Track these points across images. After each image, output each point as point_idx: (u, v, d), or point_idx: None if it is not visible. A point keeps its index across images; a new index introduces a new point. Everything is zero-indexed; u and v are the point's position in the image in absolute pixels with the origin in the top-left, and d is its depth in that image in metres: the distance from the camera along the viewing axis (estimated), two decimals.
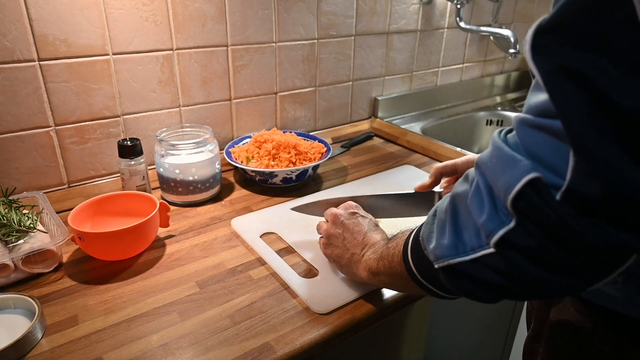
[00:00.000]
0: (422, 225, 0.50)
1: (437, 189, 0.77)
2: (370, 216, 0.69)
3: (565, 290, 0.41)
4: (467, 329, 0.99)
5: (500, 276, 0.39)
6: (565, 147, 0.32)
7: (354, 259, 0.63)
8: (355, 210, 0.68)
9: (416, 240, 0.49)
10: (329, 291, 0.66)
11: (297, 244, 0.78)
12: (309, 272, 0.72)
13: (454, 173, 0.76)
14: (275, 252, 0.76)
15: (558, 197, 0.33)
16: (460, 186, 0.43)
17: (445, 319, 0.90)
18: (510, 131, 0.39)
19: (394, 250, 0.54)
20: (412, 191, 0.77)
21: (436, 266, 0.44)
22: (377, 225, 0.67)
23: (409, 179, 1.03)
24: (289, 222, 0.84)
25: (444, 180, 0.78)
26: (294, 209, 0.78)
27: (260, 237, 0.81)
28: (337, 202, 0.74)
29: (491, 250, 0.38)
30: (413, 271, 0.49)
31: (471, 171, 0.42)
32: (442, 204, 0.46)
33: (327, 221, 0.70)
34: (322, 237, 0.71)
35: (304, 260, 0.74)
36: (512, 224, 0.36)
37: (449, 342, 0.95)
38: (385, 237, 0.63)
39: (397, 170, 1.08)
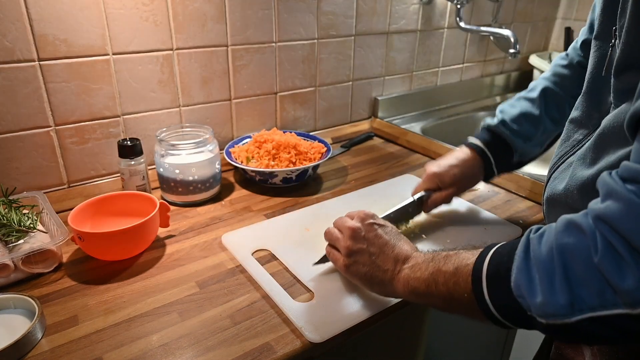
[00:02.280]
0: (493, 257, 0.47)
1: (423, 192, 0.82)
2: (388, 224, 0.64)
3: None
4: (467, 329, 0.99)
5: (622, 334, 0.39)
6: None
7: (386, 275, 0.58)
8: (373, 221, 0.63)
9: (495, 277, 0.46)
10: (326, 317, 0.62)
11: (292, 264, 0.73)
12: (304, 295, 0.67)
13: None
14: (269, 273, 0.71)
15: None
16: (566, 237, 0.41)
17: (445, 318, 0.90)
18: (624, 179, 0.38)
19: (454, 278, 0.50)
20: (403, 204, 0.81)
21: (543, 322, 0.42)
22: (398, 232, 0.64)
23: (410, 191, 0.94)
24: (283, 237, 0.80)
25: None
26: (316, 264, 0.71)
27: (252, 254, 0.75)
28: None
29: (623, 311, 0.37)
30: (489, 308, 0.46)
31: (584, 222, 0.40)
32: (537, 250, 0.43)
33: (342, 233, 0.65)
34: (335, 251, 0.65)
35: (299, 282, 0.69)
36: None
37: (448, 342, 0.95)
38: (414, 247, 0.60)
39: (397, 181, 1.03)
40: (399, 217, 0.81)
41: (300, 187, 1.01)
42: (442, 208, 0.86)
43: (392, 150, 1.24)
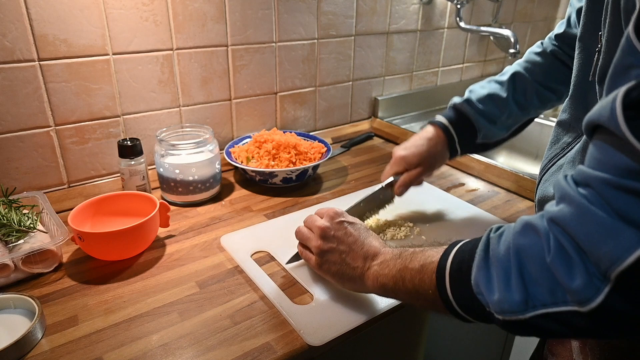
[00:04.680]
0: (456, 255, 0.49)
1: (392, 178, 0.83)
2: (357, 220, 0.65)
3: None
4: (468, 329, 0.99)
5: (571, 329, 0.40)
6: None
7: (356, 272, 0.60)
8: (342, 219, 0.64)
9: (457, 275, 0.48)
10: (324, 319, 0.62)
11: (291, 265, 0.73)
12: (303, 298, 0.66)
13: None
14: (268, 275, 0.70)
15: None
16: (522, 238, 0.42)
17: (445, 318, 0.89)
18: (577, 182, 0.39)
19: (419, 275, 0.52)
20: (372, 191, 0.82)
21: (500, 318, 0.43)
22: (367, 229, 0.64)
23: (409, 192, 0.92)
24: (282, 239, 0.79)
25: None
26: (289, 262, 0.73)
27: (251, 256, 0.75)
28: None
29: (572, 308, 0.39)
30: (452, 304, 0.48)
31: (539, 224, 0.41)
32: (496, 249, 0.44)
33: (313, 232, 0.65)
34: (307, 251, 0.66)
35: (298, 284, 0.69)
36: (607, 289, 0.37)
37: (448, 342, 0.95)
38: (383, 243, 0.61)
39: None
40: (370, 205, 0.82)
41: (300, 187, 1.01)
42: (411, 191, 0.85)
43: (392, 150, 1.24)
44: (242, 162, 1.00)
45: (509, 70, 0.83)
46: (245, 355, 0.57)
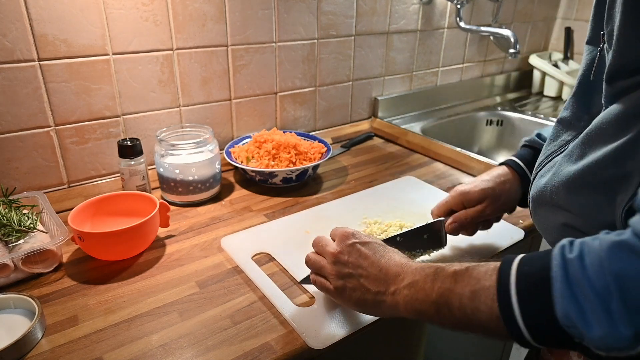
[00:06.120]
0: (520, 280, 0.43)
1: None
2: (371, 238, 0.60)
3: None
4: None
5: None
6: None
7: (379, 298, 0.54)
8: (354, 240, 0.58)
9: (529, 304, 0.42)
10: (327, 322, 0.61)
11: (292, 267, 0.72)
12: (305, 300, 0.66)
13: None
14: (269, 277, 0.69)
15: None
16: (618, 262, 0.38)
17: None
18: None
19: (472, 303, 0.46)
20: (414, 228, 0.71)
21: (603, 354, 0.39)
22: (382, 244, 0.59)
23: (410, 193, 0.96)
24: (283, 240, 0.79)
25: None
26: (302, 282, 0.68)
27: (252, 258, 0.75)
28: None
29: None
30: (522, 334, 0.42)
31: (637, 244, 0.37)
32: (582, 275, 0.39)
33: (325, 258, 0.60)
34: (322, 278, 0.61)
35: (299, 286, 0.69)
36: None
37: (448, 342, 0.95)
38: (405, 258, 0.56)
39: (397, 183, 1.02)
40: (409, 244, 0.71)
41: (300, 187, 1.01)
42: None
43: (392, 150, 1.24)
44: (242, 162, 1.00)
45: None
46: (245, 355, 0.57)
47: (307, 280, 0.65)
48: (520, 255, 0.45)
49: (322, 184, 1.04)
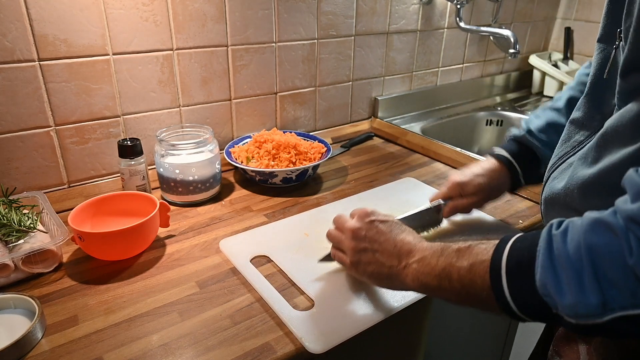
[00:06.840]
0: (511, 253, 0.46)
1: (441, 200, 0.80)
2: (390, 217, 0.64)
3: None
4: (468, 329, 0.99)
5: None
6: None
7: (392, 271, 0.58)
8: (373, 217, 0.63)
9: (515, 275, 0.45)
10: (326, 326, 0.61)
11: (291, 270, 0.72)
12: (304, 304, 0.65)
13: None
14: (268, 280, 0.69)
15: None
16: (594, 236, 0.40)
17: (445, 318, 0.90)
18: None
19: (469, 275, 0.49)
20: (418, 210, 0.79)
21: (572, 321, 0.42)
22: (399, 223, 0.63)
23: (410, 195, 0.97)
24: (282, 243, 0.79)
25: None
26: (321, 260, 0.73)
27: (251, 261, 0.74)
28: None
29: None
30: (509, 305, 0.46)
31: (614, 222, 0.40)
32: (562, 248, 0.42)
33: (343, 234, 0.65)
34: (341, 252, 0.66)
35: (298, 289, 0.68)
36: None
37: (448, 342, 0.95)
38: (419, 237, 0.60)
39: (398, 184, 1.02)
40: (413, 223, 0.77)
41: (300, 187, 1.01)
42: (458, 217, 0.83)
43: (392, 150, 1.24)
44: (242, 162, 1.00)
45: (562, 96, 0.79)
46: (245, 355, 0.57)
47: (326, 258, 0.71)
48: (518, 234, 0.49)
49: (322, 184, 1.04)
